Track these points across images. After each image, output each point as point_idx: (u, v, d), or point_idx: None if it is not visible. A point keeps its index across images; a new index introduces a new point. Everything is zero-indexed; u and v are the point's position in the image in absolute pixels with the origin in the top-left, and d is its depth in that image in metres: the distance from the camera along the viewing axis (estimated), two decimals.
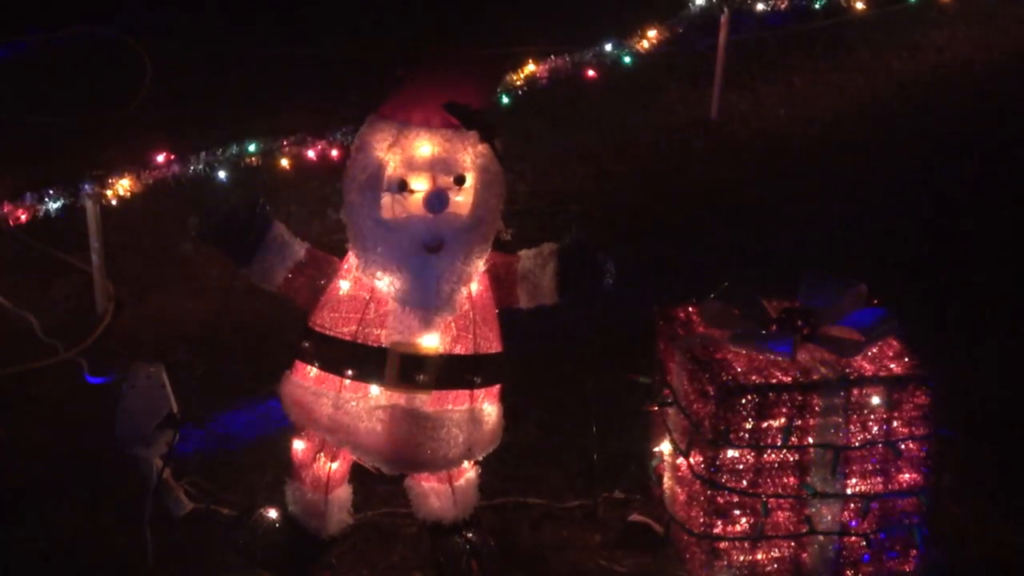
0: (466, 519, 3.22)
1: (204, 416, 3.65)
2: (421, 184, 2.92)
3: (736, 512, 3.13)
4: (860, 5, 5.74)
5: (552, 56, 4.88)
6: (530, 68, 4.81)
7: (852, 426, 3.10)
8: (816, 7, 5.77)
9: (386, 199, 2.91)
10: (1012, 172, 5.25)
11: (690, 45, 5.71)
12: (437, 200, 2.89)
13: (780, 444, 3.08)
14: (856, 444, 3.10)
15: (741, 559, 3.16)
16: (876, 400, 3.09)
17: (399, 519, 3.40)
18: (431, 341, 2.95)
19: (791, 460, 3.10)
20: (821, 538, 3.16)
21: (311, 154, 4.34)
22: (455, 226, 2.91)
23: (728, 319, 3.25)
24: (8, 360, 4.03)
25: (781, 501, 3.13)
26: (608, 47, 5.00)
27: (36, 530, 3.35)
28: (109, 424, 3.34)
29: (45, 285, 4.46)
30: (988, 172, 5.27)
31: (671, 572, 3.28)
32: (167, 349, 4.00)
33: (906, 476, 3.17)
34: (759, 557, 3.17)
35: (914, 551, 3.23)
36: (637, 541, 3.37)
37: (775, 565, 3.18)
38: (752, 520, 3.14)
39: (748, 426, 3.06)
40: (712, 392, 3.06)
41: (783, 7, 5.44)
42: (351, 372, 2.97)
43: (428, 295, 2.90)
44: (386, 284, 2.92)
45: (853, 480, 3.14)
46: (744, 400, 3.04)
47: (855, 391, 3.08)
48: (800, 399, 3.06)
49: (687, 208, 5.05)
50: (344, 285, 3.00)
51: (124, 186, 4.14)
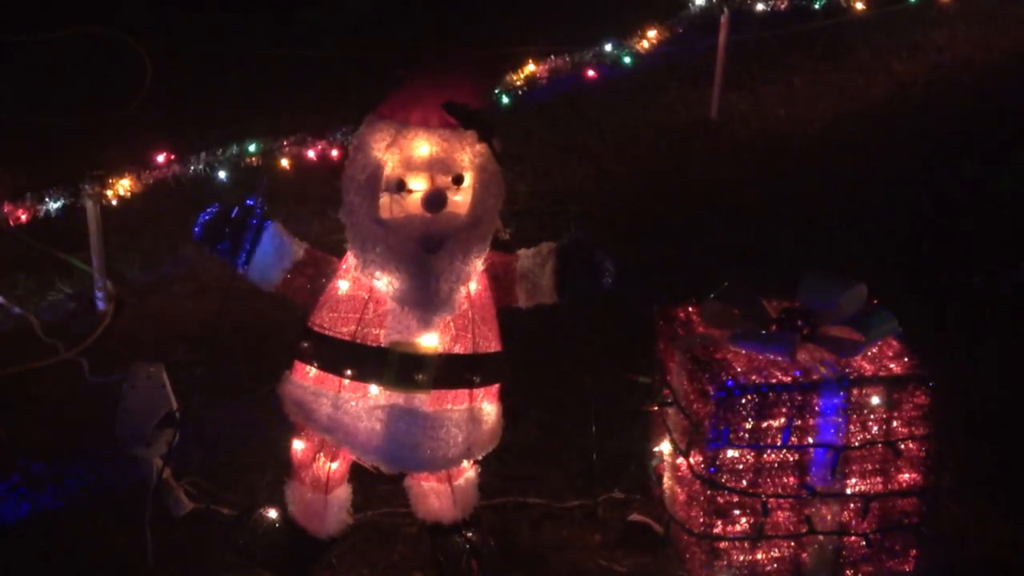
0: (466, 518, 3.22)
1: (204, 416, 3.64)
2: (419, 184, 2.91)
3: (736, 512, 3.13)
4: (860, 5, 5.74)
5: (552, 56, 4.88)
6: (530, 68, 4.81)
7: (852, 426, 3.10)
8: (816, 7, 5.77)
9: (384, 199, 2.91)
10: (1012, 172, 5.24)
11: (690, 45, 5.71)
12: (435, 200, 2.89)
13: (780, 444, 3.08)
14: (856, 444, 3.10)
15: (741, 559, 3.16)
16: (876, 400, 3.09)
17: (399, 519, 3.40)
18: (430, 341, 2.95)
19: (791, 460, 3.10)
20: (821, 538, 3.16)
21: (311, 154, 4.35)
22: (453, 226, 2.91)
23: (728, 319, 3.25)
24: (8, 360, 4.03)
25: (781, 501, 3.13)
26: (608, 47, 5.00)
27: (36, 530, 3.35)
28: (109, 424, 3.34)
29: (45, 285, 4.46)
30: (988, 172, 5.27)
31: (671, 572, 3.28)
32: (167, 349, 4.00)
33: (906, 476, 3.17)
34: (759, 557, 3.16)
35: (914, 551, 3.23)
36: (637, 541, 3.37)
37: (775, 565, 3.18)
38: (752, 520, 3.14)
39: (748, 426, 3.06)
40: (712, 392, 3.06)
41: (783, 7, 5.45)
42: (350, 372, 2.97)
43: (427, 295, 2.90)
44: (385, 284, 2.92)
45: (853, 480, 3.14)
46: (744, 400, 3.04)
47: (855, 391, 3.08)
48: (800, 399, 3.06)
49: (687, 208, 5.05)
50: (343, 285, 3.00)
51: (124, 186, 4.14)
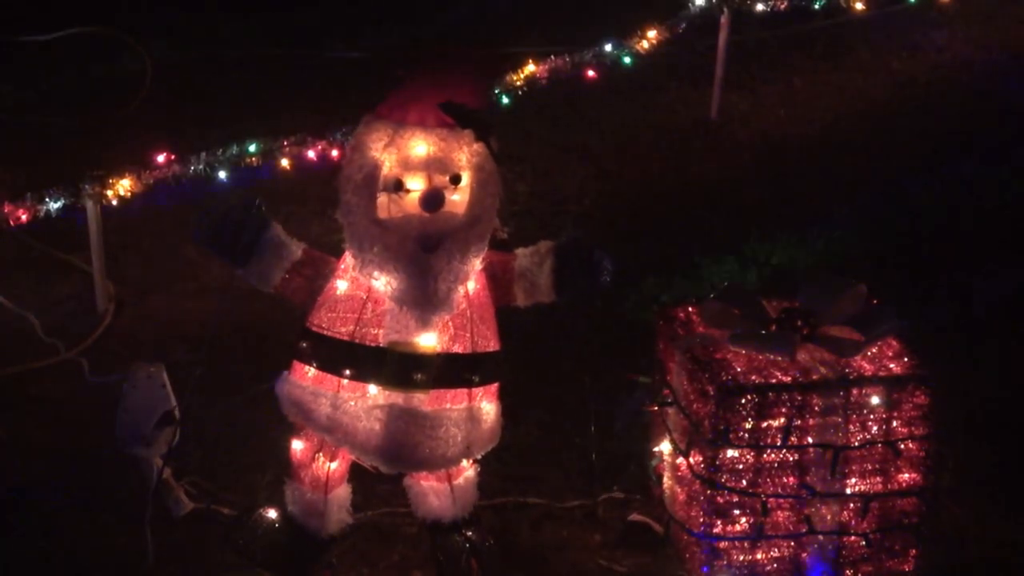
0: (466, 518, 3.22)
1: (204, 416, 3.64)
2: (417, 183, 2.91)
3: (736, 512, 3.13)
4: (860, 5, 5.74)
5: (552, 56, 4.88)
6: (530, 68, 4.81)
7: (851, 426, 3.10)
8: (816, 7, 5.77)
9: (382, 199, 2.91)
10: (1012, 172, 5.24)
11: (690, 45, 5.71)
12: (433, 199, 2.89)
13: (780, 444, 3.08)
14: (856, 444, 3.10)
15: (741, 559, 3.16)
16: (876, 400, 3.09)
17: (399, 518, 3.40)
18: (428, 340, 2.94)
19: (790, 460, 3.10)
20: (821, 538, 3.16)
21: (311, 154, 4.35)
22: (451, 225, 2.91)
23: (728, 319, 3.25)
24: (8, 360, 4.03)
25: (781, 501, 3.13)
26: (608, 47, 5.00)
27: (36, 530, 3.35)
28: (109, 424, 3.34)
29: (46, 285, 4.46)
30: (988, 172, 5.27)
31: (671, 572, 3.28)
32: (167, 349, 4.00)
33: (905, 476, 3.17)
34: (759, 557, 3.16)
35: (914, 551, 3.23)
36: (637, 541, 3.37)
37: (775, 565, 3.18)
38: (752, 520, 3.14)
39: (748, 426, 3.06)
40: (712, 392, 3.06)
41: (783, 7, 5.45)
42: (349, 372, 2.96)
43: (425, 294, 2.90)
44: (383, 284, 2.91)
45: (853, 480, 3.14)
46: (744, 400, 3.04)
47: (855, 391, 3.08)
48: (800, 399, 3.06)
49: (687, 208, 5.04)
50: (341, 285, 3.00)
51: (124, 186, 4.14)
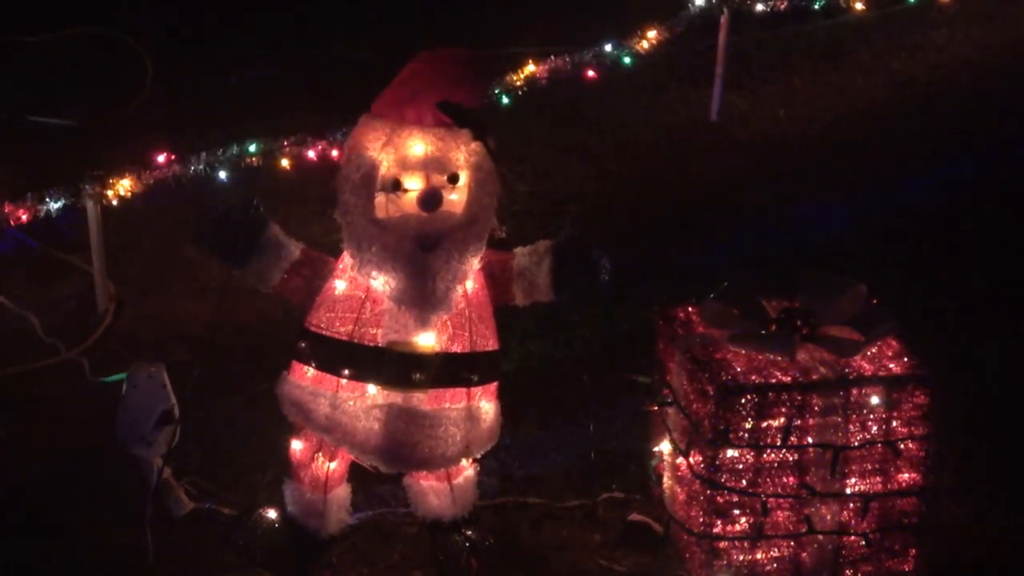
0: (465, 517, 3.22)
1: (204, 416, 3.64)
2: (415, 183, 2.92)
3: (736, 512, 3.13)
4: (860, 5, 5.74)
5: (552, 56, 4.88)
6: (530, 68, 4.81)
7: (851, 426, 3.10)
8: (816, 7, 5.77)
9: (380, 198, 2.91)
10: (1012, 172, 5.24)
11: (690, 45, 5.71)
12: (431, 199, 2.89)
13: (779, 444, 3.08)
14: (855, 444, 3.10)
15: (741, 559, 3.16)
16: (875, 400, 3.09)
17: (399, 518, 3.39)
18: (427, 340, 2.95)
19: (790, 460, 3.10)
20: (820, 538, 3.16)
21: (311, 154, 4.34)
22: (449, 224, 2.91)
23: (728, 319, 3.25)
24: (9, 360, 4.03)
25: (780, 501, 3.13)
26: (608, 47, 5.00)
27: (36, 530, 3.35)
28: (109, 424, 3.34)
29: (46, 285, 4.46)
30: (988, 172, 5.27)
31: (671, 572, 3.28)
32: (167, 349, 4.00)
33: (905, 476, 3.17)
34: (759, 557, 3.16)
35: (914, 551, 3.23)
36: (637, 541, 3.37)
37: (775, 565, 3.18)
38: (752, 520, 3.13)
39: (748, 426, 3.06)
40: (712, 392, 3.06)
41: (783, 7, 5.45)
42: (348, 372, 2.97)
43: (423, 294, 2.90)
44: (381, 283, 2.92)
45: (852, 480, 3.14)
46: (744, 400, 3.04)
47: (854, 391, 3.08)
48: (799, 399, 3.06)
49: (687, 208, 5.04)
50: (340, 285, 3.00)
51: (124, 186, 4.14)
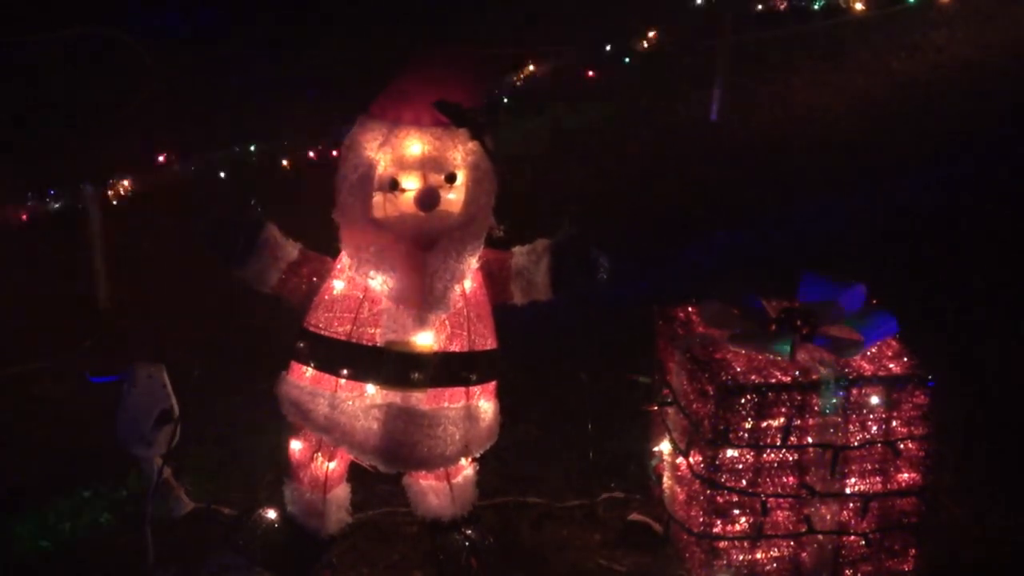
0: (465, 516, 3.22)
1: (204, 416, 3.64)
2: (412, 183, 2.92)
3: (735, 511, 3.13)
4: (860, 5, 5.76)
5: (552, 56, 4.89)
6: (530, 68, 4.81)
7: (851, 426, 3.10)
8: (816, 7, 5.78)
9: (377, 198, 2.91)
10: (1012, 172, 5.25)
11: (690, 45, 5.71)
12: (428, 198, 2.89)
13: (779, 444, 3.08)
14: (855, 444, 3.11)
15: (740, 558, 3.16)
16: (875, 400, 3.09)
17: (399, 518, 3.40)
18: (425, 339, 2.95)
19: (790, 460, 3.10)
20: (820, 537, 3.16)
21: (311, 154, 4.35)
22: (447, 224, 2.91)
23: (728, 319, 3.25)
24: (8, 360, 4.04)
25: (780, 500, 3.13)
26: (608, 47, 5.01)
27: (36, 530, 3.35)
28: (109, 424, 3.34)
29: (46, 285, 4.46)
30: (988, 172, 5.27)
31: (671, 572, 3.28)
32: (167, 349, 4.00)
33: (905, 476, 3.17)
34: (758, 556, 3.16)
35: (913, 551, 3.23)
36: (637, 540, 3.37)
37: (774, 564, 3.18)
38: (751, 519, 3.14)
39: (747, 426, 3.06)
40: (712, 392, 3.06)
41: (783, 7, 5.46)
42: (346, 372, 2.96)
43: (421, 293, 2.90)
44: (379, 283, 2.92)
45: (852, 480, 3.14)
46: (743, 400, 3.04)
47: (854, 391, 3.08)
48: (799, 399, 3.06)
49: (687, 208, 5.05)
50: (338, 285, 3.00)
51: (124, 186, 4.15)
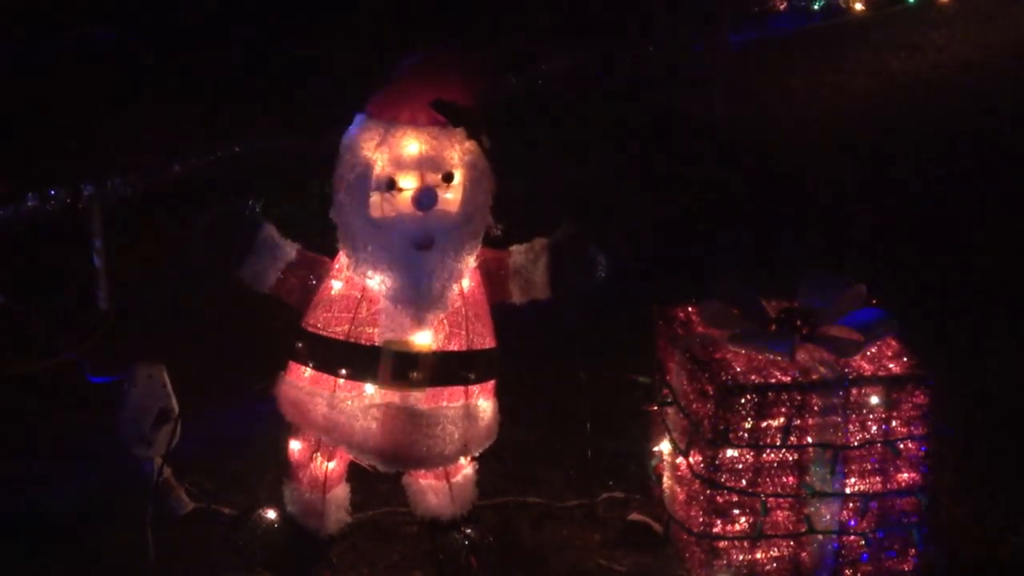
0: (465, 515, 3.23)
1: (204, 416, 3.64)
2: (409, 182, 2.92)
3: (735, 511, 3.13)
4: (859, 6, 5.76)
5: (554, 56, 4.89)
6: (530, 68, 4.82)
7: (851, 426, 3.10)
8: (815, 8, 5.79)
9: (375, 198, 2.92)
10: (1012, 172, 5.25)
11: (690, 45, 5.72)
12: (426, 198, 2.90)
13: (779, 444, 3.08)
14: (855, 444, 3.11)
15: (740, 558, 3.16)
16: (875, 400, 3.09)
17: (399, 518, 3.40)
18: (424, 338, 2.95)
19: (790, 460, 3.10)
20: (820, 537, 3.16)
21: (309, 154, 4.35)
22: (445, 223, 2.92)
23: (728, 319, 3.25)
24: (8, 360, 4.03)
25: (780, 500, 3.13)
26: (608, 47, 5.01)
27: (36, 530, 3.35)
28: (109, 424, 3.34)
29: (46, 285, 4.46)
30: (988, 172, 5.27)
31: (671, 571, 3.28)
32: (167, 349, 4.00)
33: (905, 475, 3.17)
34: (758, 556, 3.16)
35: (913, 550, 3.23)
36: (637, 540, 3.37)
37: (774, 564, 3.18)
38: (751, 519, 3.14)
39: (747, 426, 3.06)
40: (712, 392, 3.06)
41: (783, 7, 5.47)
42: (345, 371, 2.97)
43: (419, 293, 2.91)
44: (377, 283, 2.92)
45: (852, 479, 3.14)
46: (743, 400, 3.04)
47: (854, 391, 3.08)
48: (799, 399, 3.06)
49: (687, 208, 5.05)
50: (336, 285, 3.00)
51: (124, 186, 4.15)
